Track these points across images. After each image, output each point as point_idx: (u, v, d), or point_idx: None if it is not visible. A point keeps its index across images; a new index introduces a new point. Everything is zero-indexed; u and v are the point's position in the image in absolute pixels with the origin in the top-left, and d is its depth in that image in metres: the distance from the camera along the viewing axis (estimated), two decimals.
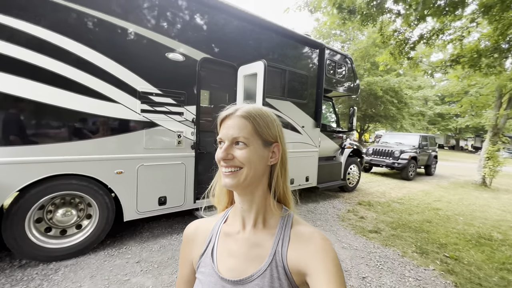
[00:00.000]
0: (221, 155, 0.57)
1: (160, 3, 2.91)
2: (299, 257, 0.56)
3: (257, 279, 0.56)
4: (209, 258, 0.61)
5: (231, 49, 3.60)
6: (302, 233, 0.59)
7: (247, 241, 0.61)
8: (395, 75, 14.89)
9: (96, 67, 2.52)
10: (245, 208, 0.62)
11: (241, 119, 0.58)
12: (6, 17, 2.10)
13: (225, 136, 0.58)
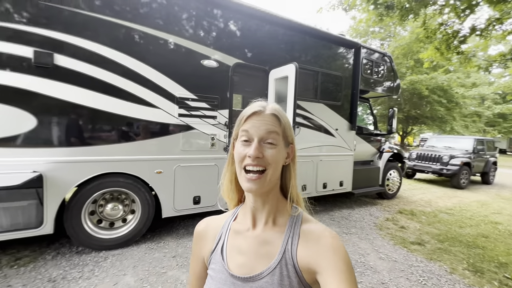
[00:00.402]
0: (253, 152, 0.54)
1: (197, 13, 3.11)
2: (309, 255, 0.55)
3: (266, 276, 0.56)
4: (219, 255, 0.62)
5: (263, 53, 3.66)
6: (312, 231, 0.59)
7: (256, 239, 0.61)
8: (444, 72, 13.48)
9: (140, 76, 2.78)
10: (257, 206, 0.62)
11: (272, 117, 0.58)
12: (69, 36, 2.44)
13: (256, 133, 0.56)
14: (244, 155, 0.56)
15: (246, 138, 0.57)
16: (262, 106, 0.59)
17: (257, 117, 0.58)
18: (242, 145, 0.57)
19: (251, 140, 0.57)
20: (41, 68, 2.32)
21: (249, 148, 0.56)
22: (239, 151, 0.57)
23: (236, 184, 0.65)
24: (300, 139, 3.99)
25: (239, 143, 0.58)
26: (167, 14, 2.92)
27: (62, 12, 2.41)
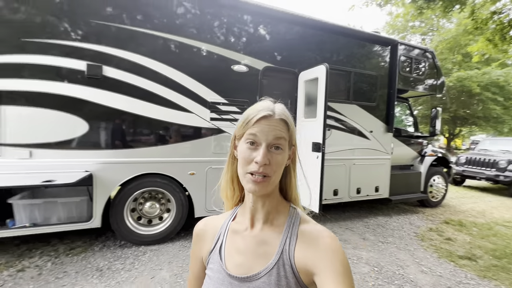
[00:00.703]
0: (261, 160, 0.53)
1: (228, 20, 3.22)
2: (307, 256, 0.55)
3: (264, 276, 0.55)
4: (217, 255, 0.62)
5: (292, 55, 3.65)
6: (310, 232, 0.58)
7: (255, 239, 0.60)
8: (499, 66, 11.93)
9: (176, 83, 2.96)
10: (256, 206, 0.61)
11: (281, 123, 0.58)
12: (115, 49, 2.71)
13: (264, 138, 0.55)
14: (251, 160, 0.55)
15: (253, 141, 0.56)
16: (271, 109, 0.58)
17: (266, 122, 0.56)
18: (248, 148, 0.56)
19: (258, 144, 0.56)
20: (92, 79, 2.61)
21: (256, 152, 0.55)
22: (245, 154, 0.56)
23: (237, 183, 0.66)
24: (331, 142, 3.86)
25: (244, 144, 0.57)
26: (200, 23, 3.08)
27: (109, 28, 2.69)
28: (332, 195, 3.98)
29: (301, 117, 3.58)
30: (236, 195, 0.68)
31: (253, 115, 0.56)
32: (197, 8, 3.05)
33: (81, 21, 2.60)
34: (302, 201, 2.74)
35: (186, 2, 2.99)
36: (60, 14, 2.53)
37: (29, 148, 2.43)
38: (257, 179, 0.54)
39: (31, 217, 2.54)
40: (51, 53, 2.51)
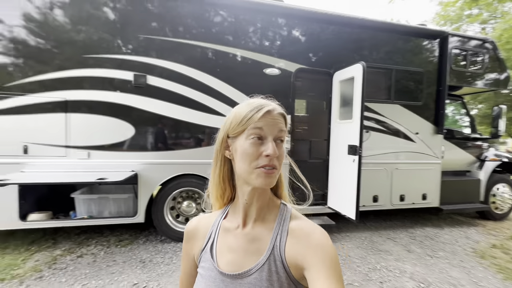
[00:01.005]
0: (273, 152, 0.54)
1: (262, 25, 3.28)
2: (297, 251, 0.55)
3: (255, 273, 0.56)
4: (209, 254, 0.62)
5: (326, 56, 3.54)
6: (300, 227, 0.59)
7: (246, 236, 0.61)
8: None
9: (211, 89, 3.11)
10: (250, 203, 0.61)
11: (281, 117, 0.59)
12: (157, 59, 2.97)
13: (270, 132, 0.56)
14: (259, 154, 0.55)
15: (259, 136, 0.56)
16: (271, 104, 0.58)
17: (269, 116, 0.56)
18: (254, 143, 0.55)
19: (264, 139, 0.56)
20: (138, 88, 2.90)
21: (264, 146, 0.55)
22: (251, 150, 0.55)
23: (229, 183, 0.65)
24: (370, 145, 3.63)
25: (246, 140, 0.56)
26: (234, 30, 3.19)
27: (153, 40, 2.95)
28: (372, 202, 3.72)
29: (336, 119, 3.44)
30: (227, 194, 0.67)
31: (256, 110, 0.56)
32: (231, 16, 3.18)
33: (130, 36, 2.91)
34: (337, 207, 2.66)
35: (221, 11, 3.14)
36: (114, 31, 2.87)
37: (87, 150, 2.79)
38: (269, 172, 0.55)
39: (88, 210, 2.90)
40: (106, 66, 2.86)
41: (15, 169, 2.61)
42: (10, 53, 2.67)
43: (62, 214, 2.94)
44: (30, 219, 2.73)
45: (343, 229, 3.78)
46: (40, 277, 2.37)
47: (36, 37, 2.71)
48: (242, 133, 0.57)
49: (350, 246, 3.27)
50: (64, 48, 2.77)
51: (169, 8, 3.00)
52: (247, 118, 0.56)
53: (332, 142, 3.54)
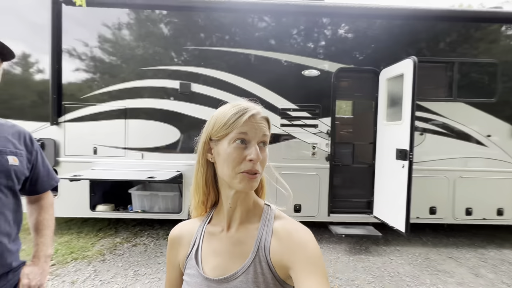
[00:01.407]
0: (257, 156, 0.54)
1: (303, 27, 3.24)
2: (282, 251, 0.55)
3: (241, 275, 0.55)
4: (194, 260, 0.61)
5: (372, 53, 3.29)
6: (283, 227, 0.58)
7: (230, 239, 0.60)
8: None
9: (250, 93, 3.19)
10: (234, 206, 0.61)
11: (265, 121, 0.59)
12: (200, 68, 3.19)
13: (254, 136, 0.55)
14: (243, 159, 0.55)
15: (242, 140, 0.55)
16: (255, 108, 0.58)
17: (253, 120, 0.56)
18: (237, 147, 0.55)
19: (247, 143, 0.56)
20: (183, 95, 3.16)
21: (248, 150, 0.55)
22: (236, 154, 0.55)
23: (212, 187, 0.64)
24: (425, 149, 3.22)
25: (230, 144, 0.56)
26: (273, 35, 3.23)
27: (196, 51, 3.19)
28: (428, 214, 3.28)
29: (382, 120, 3.15)
30: (211, 199, 0.66)
31: (240, 114, 0.55)
32: (271, 20, 3.22)
33: (178, 48, 3.20)
34: (384, 217, 2.47)
35: (261, 17, 3.21)
36: (166, 45, 3.21)
37: (141, 151, 3.16)
38: (252, 177, 0.55)
39: (142, 205, 3.27)
40: (158, 76, 3.21)
41: (87, 167, 3.12)
42: (90, 69, 3.21)
43: (121, 207, 3.38)
44: (98, 209, 3.21)
45: (392, 242, 3.41)
46: (103, 260, 2.77)
47: (108, 54, 3.21)
48: (225, 137, 0.56)
49: (400, 262, 2.93)
50: (127, 62, 3.21)
51: (213, 19, 3.20)
52: (231, 122, 0.55)
53: (379, 145, 3.24)
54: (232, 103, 0.60)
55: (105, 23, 3.16)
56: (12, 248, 0.92)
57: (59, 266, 2.62)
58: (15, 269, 0.92)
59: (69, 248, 2.97)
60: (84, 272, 2.54)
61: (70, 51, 3.17)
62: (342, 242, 3.40)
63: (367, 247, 3.27)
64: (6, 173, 0.89)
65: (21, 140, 0.98)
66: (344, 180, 3.57)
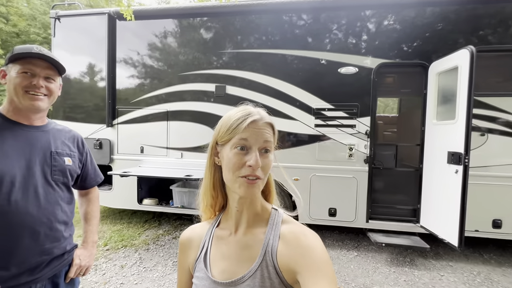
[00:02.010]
0: (256, 163, 0.54)
1: (340, 23, 3.09)
2: (289, 256, 0.55)
3: (248, 279, 0.56)
4: (202, 263, 0.62)
5: (419, 45, 2.96)
6: (290, 231, 0.58)
7: (238, 243, 0.61)
8: None
9: (282, 93, 3.17)
10: (241, 210, 0.62)
11: (268, 126, 0.58)
12: (234, 71, 3.28)
13: (255, 142, 0.56)
14: (243, 164, 0.55)
15: (243, 146, 0.56)
16: (257, 113, 0.58)
17: (255, 126, 0.56)
18: (238, 153, 0.56)
19: (248, 148, 0.56)
20: (219, 97, 3.29)
21: (248, 156, 0.55)
22: (235, 159, 0.56)
23: (220, 190, 0.65)
24: (488, 152, 2.79)
25: (231, 149, 0.56)
26: (308, 33, 3.14)
27: (232, 54, 3.29)
28: (490, 228, 2.83)
29: (431, 119, 2.82)
30: (219, 202, 0.67)
31: (242, 120, 0.56)
32: (305, 19, 3.15)
33: (215, 53, 3.34)
34: (433, 227, 2.32)
35: (298, 16, 3.16)
36: (204, 49, 3.38)
37: (181, 151, 3.39)
38: (251, 182, 0.55)
39: (181, 200, 3.50)
40: (197, 80, 3.39)
41: (135, 164, 3.47)
42: (141, 76, 3.57)
43: (164, 201, 3.67)
44: (144, 203, 3.55)
45: (443, 257, 3.03)
46: (147, 249, 3.05)
47: (156, 61, 3.52)
48: (228, 142, 0.58)
49: (452, 280, 2.59)
50: (171, 68, 3.48)
51: (249, 21, 3.26)
52: (233, 127, 0.56)
53: (427, 147, 2.91)
54: (238, 108, 0.61)
55: (153, 32, 3.47)
56: (67, 234, 1.08)
57: (112, 251, 2.97)
58: (69, 251, 1.09)
59: (120, 236, 3.35)
60: (132, 258, 2.84)
61: (123, 60, 3.56)
62: (383, 251, 3.15)
63: (412, 260, 2.96)
64: (63, 171, 1.05)
65: (74, 143, 1.15)
66: (386, 185, 3.30)
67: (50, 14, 3.63)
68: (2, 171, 0.89)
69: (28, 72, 0.94)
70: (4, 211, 0.88)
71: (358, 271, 2.72)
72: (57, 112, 3.70)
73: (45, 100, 0.99)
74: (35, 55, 0.94)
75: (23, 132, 0.98)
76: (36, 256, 0.95)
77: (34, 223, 0.94)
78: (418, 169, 3.04)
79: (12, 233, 0.90)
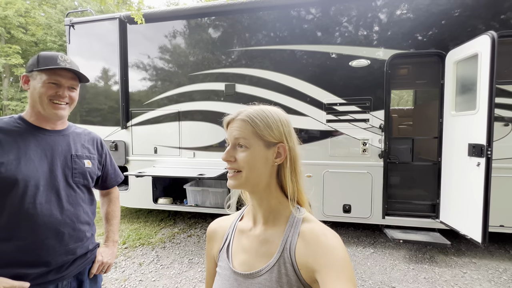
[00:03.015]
0: (224, 156, 0.62)
1: (350, 13, 3.01)
2: (308, 254, 0.56)
3: (265, 274, 0.58)
4: (225, 254, 0.67)
5: (435, 33, 2.83)
6: (310, 230, 0.59)
7: (257, 238, 0.64)
8: None
9: (292, 89, 3.14)
10: (254, 205, 0.66)
11: (242, 122, 0.62)
12: (243, 69, 3.27)
13: (229, 139, 0.63)
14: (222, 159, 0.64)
15: (227, 143, 0.64)
16: (238, 112, 0.63)
17: (232, 124, 0.63)
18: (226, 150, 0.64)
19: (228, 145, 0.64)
20: (228, 96, 3.30)
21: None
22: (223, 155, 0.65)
23: None
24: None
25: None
26: (316, 27, 3.08)
27: (240, 52, 3.28)
28: None
29: (450, 111, 2.70)
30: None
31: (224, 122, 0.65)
32: (314, 12, 3.09)
33: (224, 51, 3.35)
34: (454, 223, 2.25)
35: (301, 11, 3.11)
36: (213, 49, 3.38)
37: (193, 150, 3.43)
38: (230, 174, 0.62)
39: (195, 199, 3.55)
40: (207, 80, 3.42)
41: (149, 164, 3.55)
42: (152, 77, 3.64)
43: (178, 200, 3.74)
44: (159, 202, 3.63)
45: (466, 253, 2.91)
46: (163, 247, 3.12)
47: (166, 62, 3.58)
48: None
49: (475, 277, 2.49)
50: (181, 69, 3.52)
51: (257, 18, 3.23)
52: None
53: (446, 140, 2.79)
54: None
55: (163, 34, 3.52)
56: (89, 234, 1.12)
57: (130, 250, 3.07)
58: (91, 250, 1.13)
59: (138, 234, 3.45)
60: (149, 256, 2.92)
61: (134, 63, 3.64)
62: (401, 248, 3.06)
63: (432, 256, 2.87)
64: (83, 174, 1.09)
65: (94, 146, 1.18)
66: (403, 180, 3.20)
67: (64, 21, 3.76)
68: (27, 175, 0.92)
69: (55, 83, 0.98)
70: (30, 214, 0.92)
71: (375, 268, 2.67)
72: (75, 116, 3.84)
73: (67, 109, 1.03)
74: (63, 68, 0.98)
75: (44, 136, 1.01)
76: (62, 256, 0.99)
77: (59, 225, 0.98)
78: (436, 162, 2.93)
79: (38, 234, 0.94)
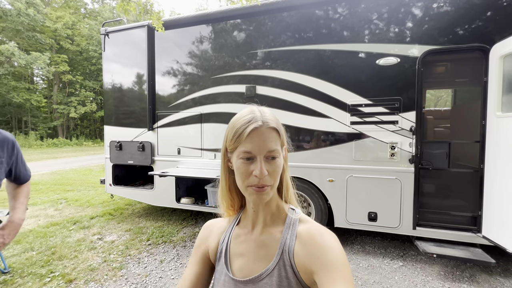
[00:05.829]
0: (260, 172, 0.53)
1: (378, 9, 2.85)
2: (306, 255, 0.55)
3: (265, 278, 0.57)
4: (223, 259, 0.65)
5: (477, 26, 2.54)
6: (307, 231, 0.58)
7: (255, 241, 0.62)
8: None
9: (314, 90, 3.03)
10: (257, 210, 0.63)
11: (272, 132, 0.56)
12: (264, 70, 3.24)
13: (259, 151, 0.54)
14: (250, 173, 0.55)
15: (248, 157, 0.55)
16: (259, 118, 0.56)
17: (257, 134, 0.54)
18: (243, 163, 0.55)
19: (253, 158, 0.55)
20: (249, 98, 3.29)
21: (253, 165, 0.55)
22: (243, 169, 0.55)
23: (235, 192, 0.67)
24: None
25: (238, 159, 0.56)
26: (341, 25, 2.95)
27: (260, 54, 3.27)
28: None
29: (494, 112, 2.40)
30: (236, 203, 0.69)
31: (243, 129, 0.55)
32: (336, 11, 2.97)
33: (245, 54, 3.36)
34: (499, 239, 2.06)
35: (327, 10, 3.00)
36: (236, 51, 3.42)
37: (214, 152, 3.48)
38: (260, 190, 0.56)
39: (215, 200, 3.58)
40: (229, 82, 3.46)
41: (173, 165, 3.67)
42: (177, 81, 3.77)
43: (200, 201, 3.81)
44: (182, 202, 3.73)
45: None
46: (184, 246, 3.20)
47: (193, 67, 3.69)
48: (235, 150, 0.57)
49: None
50: (204, 72, 3.61)
51: (280, 19, 3.19)
52: (236, 136, 0.55)
53: (490, 144, 2.48)
54: (243, 111, 0.60)
55: (188, 38, 3.64)
56: None
57: (153, 246, 3.19)
58: None
59: (161, 232, 3.58)
60: (170, 254, 3.00)
61: (161, 67, 3.81)
62: (434, 263, 2.78)
63: (473, 275, 2.56)
64: None
65: (3, 148, 1.21)
66: (437, 188, 2.91)
67: (100, 31, 4.07)
68: None
69: None
70: None
71: (403, 283, 2.45)
72: (109, 119, 4.12)
73: None
74: None
75: None
76: None
77: None
78: (478, 169, 2.61)
79: None
